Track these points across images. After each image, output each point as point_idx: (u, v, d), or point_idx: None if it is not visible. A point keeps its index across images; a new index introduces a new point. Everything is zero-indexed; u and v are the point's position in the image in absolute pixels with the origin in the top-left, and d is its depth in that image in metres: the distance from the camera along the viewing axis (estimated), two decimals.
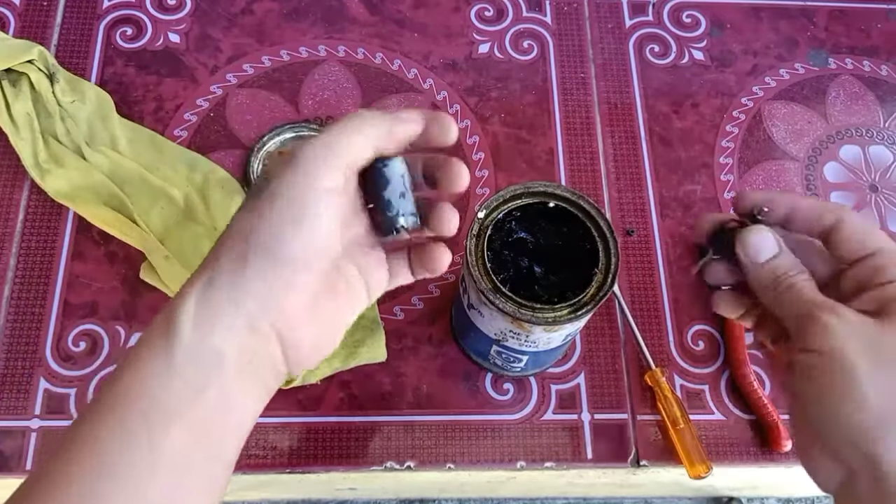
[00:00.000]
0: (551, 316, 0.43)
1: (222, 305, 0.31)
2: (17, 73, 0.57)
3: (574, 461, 0.53)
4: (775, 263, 0.37)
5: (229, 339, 0.31)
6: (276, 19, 0.65)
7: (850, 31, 0.70)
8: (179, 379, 0.30)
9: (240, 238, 0.32)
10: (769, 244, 0.37)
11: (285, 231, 0.31)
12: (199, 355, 0.31)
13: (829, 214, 0.37)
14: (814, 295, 0.35)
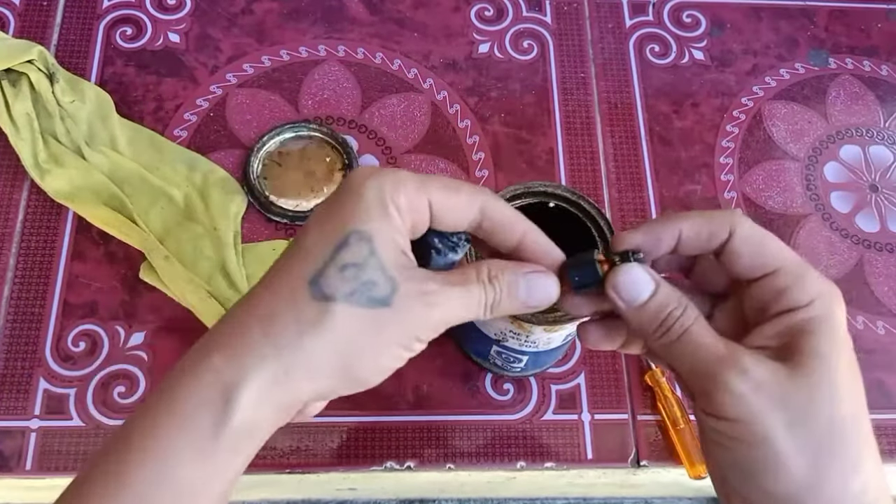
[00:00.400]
0: (551, 316, 0.43)
1: (283, 390, 0.29)
2: (17, 73, 0.57)
3: (574, 461, 0.53)
4: (656, 302, 0.32)
5: (272, 417, 0.30)
6: (276, 19, 0.65)
7: (851, 30, 0.70)
8: (213, 461, 0.29)
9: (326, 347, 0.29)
10: (643, 281, 0.33)
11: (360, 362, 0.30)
12: (243, 438, 0.29)
13: (719, 231, 0.32)
14: (710, 345, 0.31)
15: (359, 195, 0.30)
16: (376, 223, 0.30)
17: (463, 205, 0.32)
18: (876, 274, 0.61)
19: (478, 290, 0.31)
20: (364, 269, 0.29)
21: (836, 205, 0.63)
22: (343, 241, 0.29)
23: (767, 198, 0.62)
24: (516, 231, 0.33)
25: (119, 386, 0.53)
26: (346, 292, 0.29)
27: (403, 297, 0.29)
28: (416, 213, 0.31)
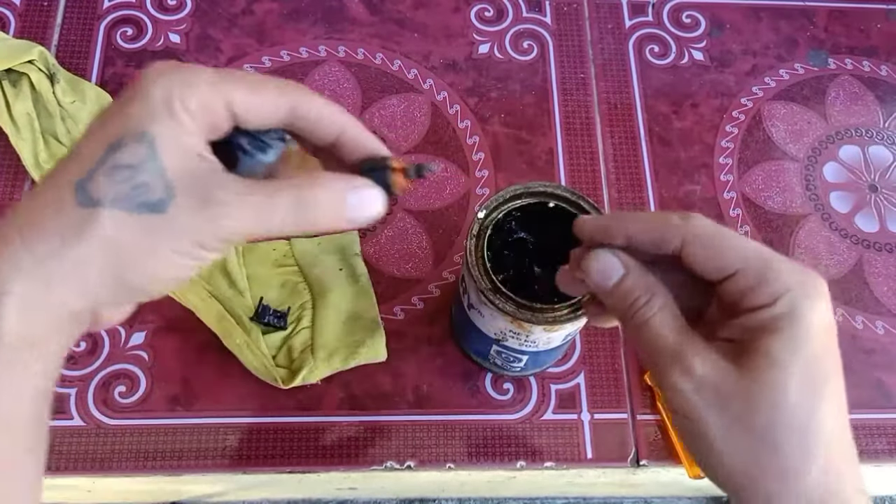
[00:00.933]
0: (551, 316, 0.43)
1: (51, 296, 0.27)
2: (18, 74, 0.57)
3: (574, 461, 0.53)
4: (625, 287, 0.32)
5: (48, 325, 0.28)
6: (277, 19, 0.66)
7: (850, 31, 0.70)
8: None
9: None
10: (611, 266, 0.33)
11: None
12: (20, 349, 0.27)
13: (670, 238, 0.31)
14: (665, 338, 0.31)
15: (143, 95, 0.28)
16: (159, 125, 0.28)
17: (269, 103, 0.30)
18: (875, 274, 0.61)
19: (284, 207, 0.29)
20: (139, 172, 0.27)
21: (836, 205, 0.63)
22: (118, 141, 0.27)
23: (767, 198, 0.62)
24: (333, 127, 0.31)
25: (120, 386, 0.53)
26: (113, 196, 0.27)
27: (182, 203, 0.27)
28: (212, 115, 0.29)
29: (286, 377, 0.52)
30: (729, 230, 0.31)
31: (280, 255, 0.56)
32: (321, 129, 0.31)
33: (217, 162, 0.29)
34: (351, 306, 0.55)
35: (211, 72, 0.29)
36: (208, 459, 0.51)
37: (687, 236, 0.31)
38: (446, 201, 0.60)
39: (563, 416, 0.54)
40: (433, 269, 0.57)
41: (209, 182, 0.28)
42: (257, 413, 0.52)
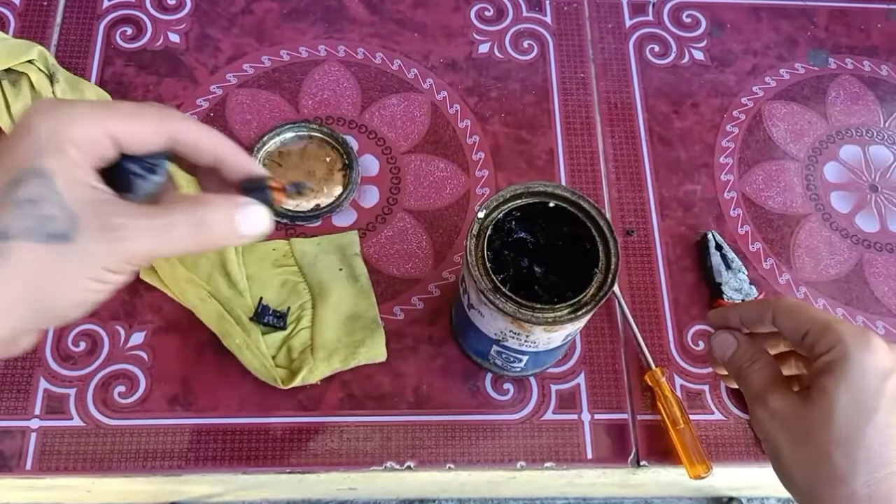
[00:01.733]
0: (551, 316, 0.43)
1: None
2: (17, 73, 0.57)
3: (574, 461, 0.53)
4: (736, 357, 0.45)
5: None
6: (276, 19, 0.65)
7: (850, 31, 0.70)
8: None
9: None
10: (728, 343, 0.46)
11: None
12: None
13: (766, 311, 0.44)
14: (755, 386, 0.43)
15: (31, 134, 0.30)
16: (52, 160, 0.30)
17: (149, 133, 0.32)
18: (876, 274, 0.61)
19: (179, 227, 0.31)
20: (41, 205, 0.29)
21: (836, 205, 0.63)
22: (17, 177, 0.29)
23: (767, 198, 0.62)
24: (211, 151, 0.34)
25: (119, 386, 0.53)
26: (22, 228, 0.29)
27: (85, 230, 0.29)
28: (97, 146, 0.31)
29: (286, 377, 0.52)
30: (805, 304, 0.44)
31: (280, 255, 0.56)
32: (200, 153, 0.33)
33: (109, 190, 0.31)
34: (351, 306, 0.55)
35: (89, 106, 0.31)
36: (208, 459, 0.51)
37: (776, 310, 0.43)
38: (446, 201, 0.60)
39: (563, 416, 0.54)
40: (433, 269, 0.57)
41: (107, 209, 0.30)
42: (257, 413, 0.52)
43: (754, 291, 0.57)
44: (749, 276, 0.58)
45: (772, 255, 0.60)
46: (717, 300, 0.57)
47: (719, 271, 0.58)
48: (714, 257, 0.58)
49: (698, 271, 0.59)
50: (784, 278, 0.60)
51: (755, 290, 0.57)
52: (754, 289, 0.57)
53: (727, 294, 0.57)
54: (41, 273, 0.29)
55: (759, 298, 0.54)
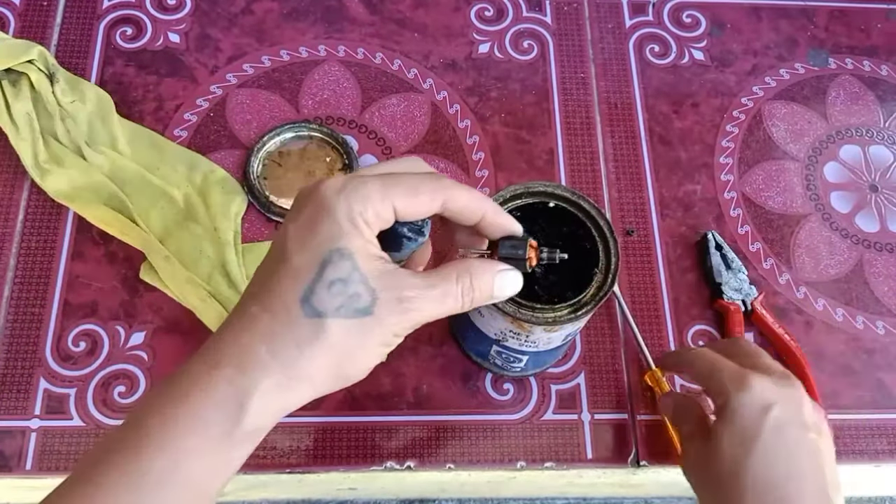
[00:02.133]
0: (551, 316, 0.43)
1: (287, 395, 0.33)
2: (17, 73, 0.57)
3: (574, 461, 0.53)
4: (672, 415, 0.50)
5: (276, 417, 0.34)
6: (276, 19, 0.65)
7: (851, 30, 0.70)
8: (223, 458, 0.33)
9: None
10: (665, 404, 0.50)
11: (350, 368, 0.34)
12: (248, 437, 0.33)
13: (683, 365, 0.49)
14: (681, 437, 0.47)
15: (330, 215, 0.33)
16: (352, 240, 0.33)
17: (424, 205, 0.35)
18: (876, 274, 0.61)
19: (454, 294, 0.35)
20: (348, 284, 0.32)
21: (836, 205, 0.63)
22: (326, 259, 0.33)
23: (767, 198, 0.62)
24: (476, 214, 0.37)
25: (119, 386, 0.53)
26: (334, 307, 0.32)
27: (383, 304, 0.33)
28: (383, 221, 0.34)
29: None
30: (703, 351, 0.47)
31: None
32: (466, 217, 0.37)
33: (390, 260, 0.35)
34: None
35: (378, 184, 0.34)
36: None
37: (682, 362, 0.49)
38: None
39: (563, 416, 0.54)
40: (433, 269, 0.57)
41: (397, 282, 0.34)
42: None
43: (754, 291, 0.57)
44: (749, 276, 0.58)
45: (772, 255, 0.60)
46: (718, 300, 0.57)
47: (719, 271, 0.58)
48: (714, 257, 0.58)
49: (698, 271, 0.59)
50: (784, 278, 0.60)
51: (755, 290, 0.57)
52: (754, 289, 0.57)
53: (727, 294, 0.57)
54: (347, 344, 0.33)
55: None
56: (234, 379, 0.32)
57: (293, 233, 0.34)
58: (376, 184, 0.34)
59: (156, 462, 0.31)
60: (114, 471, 0.31)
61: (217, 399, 0.32)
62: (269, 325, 0.33)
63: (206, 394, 0.32)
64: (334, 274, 0.32)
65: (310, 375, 0.33)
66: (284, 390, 0.33)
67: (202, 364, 0.33)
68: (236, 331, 0.33)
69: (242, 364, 0.32)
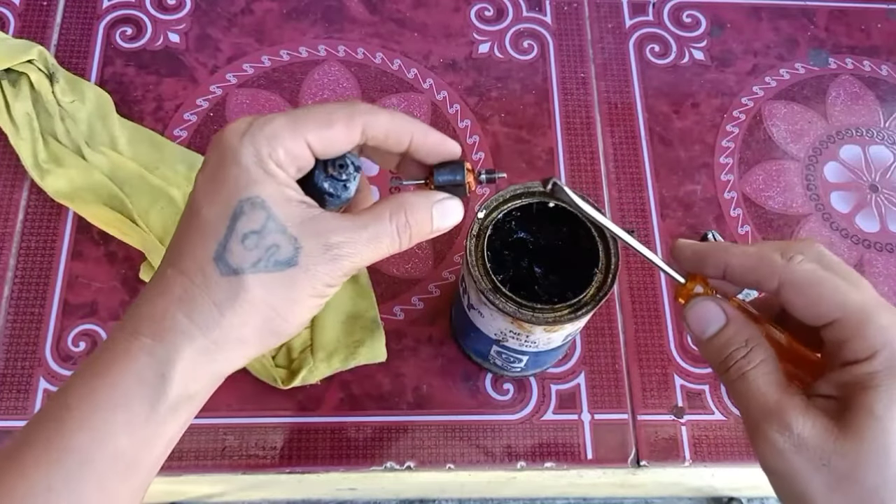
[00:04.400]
0: (551, 316, 0.43)
1: (214, 360, 0.31)
2: (17, 73, 0.57)
3: (574, 461, 0.53)
4: (720, 340, 0.32)
5: (207, 384, 0.32)
6: (276, 19, 0.65)
7: (851, 30, 0.70)
8: (150, 430, 0.31)
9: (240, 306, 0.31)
10: (713, 316, 0.33)
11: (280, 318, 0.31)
12: (179, 407, 0.31)
13: (766, 279, 0.31)
14: (762, 395, 0.30)
15: (236, 161, 0.30)
16: (263, 186, 0.30)
17: (341, 135, 0.32)
18: (876, 274, 0.61)
19: (389, 233, 0.32)
20: (264, 235, 0.30)
21: (836, 205, 0.63)
22: (237, 211, 0.30)
23: (767, 198, 0.62)
24: (402, 140, 0.34)
25: None
26: (251, 262, 0.30)
27: (308, 253, 0.30)
28: (298, 160, 0.31)
29: (286, 377, 0.52)
30: (832, 276, 0.30)
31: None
32: (392, 143, 0.33)
33: (314, 203, 0.32)
34: (350, 306, 0.55)
35: (285, 119, 0.31)
36: (208, 460, 0.51)
37: (785, 279, 0.31)
38: None
39: (563, 416, 0.54)
40: (433, 269, 0.57)
41: (322, 227, 0.31)
42: (257, 413, 0.52)
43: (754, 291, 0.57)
44: None
45: None
46: None
47: None
48: None
49: None
50: None
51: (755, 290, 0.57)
52: None
53: None
54: (273, 301, 0.30)
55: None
56: (152, 349, 0.30)
57: (200, 185, 0.32)
58: (283, 119, 0.31)
59: (78, 438, 0.30)
60: (35, 448, 0.30)
61: (136, 370, 0.30)
62: (185, 288, 0.31)
63: (126, 365, 0.30)
64: (247, 226, 0.30)
65: (237, 337, 0.31)
66: (212, 355, 0.31)
67: (122, 333, 0.31)
68: (152, 296, 0.31)
69: (160, 332, 0.30)
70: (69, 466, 0.30)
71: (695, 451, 0.53)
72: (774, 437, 0.29)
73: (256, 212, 0.30)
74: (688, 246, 0.35)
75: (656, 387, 0.55)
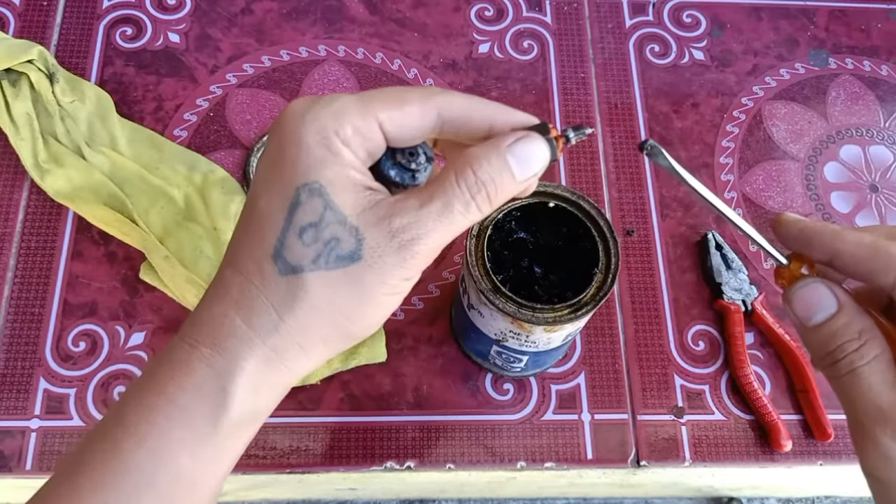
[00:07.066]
0: (551, 316, 0.42)
1: (277, 369, 0.28)
2: (17, 73, 0.57)
3: (574, 461, 0.53)
4: (829, 329, 0.29)
5: (271, 397, 0.29)
6: (276, 19, 0.65)
7: (851, 30, 0.70)
8: (213, 449, 0.28)
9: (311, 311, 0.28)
10: (823, 301, 0.29)
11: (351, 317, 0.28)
12: (243, 423, 0.29)
13: (886, 270, 0.27)
14: (875, 394, 0.27)
15: (298, 142, 0.27)
16: (324, 169, 0.27)
17: (416, 117, 0.28)
18: None
19: (461, 200, 0.28)
20: (323, 228, 0.27)
21: (837, 205, 0.63)
22: (294, 200, 0.27)
23: (767, 198, 0.62)
24: (483, 121, 0.29)
25: (119, 386, 0.53)
26: (311, 258, 0.27)
27: (373, 244, 0.27)
28: (368, 141, 0.28)
29: None
30: None
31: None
32: (471, 127, 0.29)
33: (382, 188, 0.29)
34: None
35: (354, 97, 0.28)
36: None
37: None
38: None
39: (563, 416, 0.54)
40: (433, 269, 0.57)
41: (384, 212, 0.27)
42: None
43: (755, 291, 0.57)
44: (749, 276, 0.58)
45: None
46: (718, 300, 0.57)
47: (719, 271, 0.58)
48: (714, 257, 0.58)
49: (698, 271, 0.59)
50: None
51: (755, 290, 0.57)
52: (755, 289, 0.57)
53: (727, 294, 0.57)
54: (339, 302, 0.27)
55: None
56: (212, 359, 0.28)
57: (260, 173, 0.28)
58: (351, 97, 0.28)
59: (136, 458, 0.27)
60: (91, 469, 0.28)
61: (197, 384, 0.27)
62: (242, 290, 0.28)
63: (185, 379, 0.28)
64: (305, 217, 0.27)
65: (299, 343, 0.28)
66: (273, 364, 0.28)
67: (181, 343, 0.29)
68: (211, 300, 0.29)
69: (218, 339, 0.28)
70: (128, 489, 0.27)
71: (695, 451, 0.53)
72: (886, 444, 0.27)
73: (314, 200, 0.27)
74: (794, 223, 0.31)
75: (656, 387, 0.55)
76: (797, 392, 0.56)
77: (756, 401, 0.54)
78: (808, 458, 0.54)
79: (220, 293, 0.28)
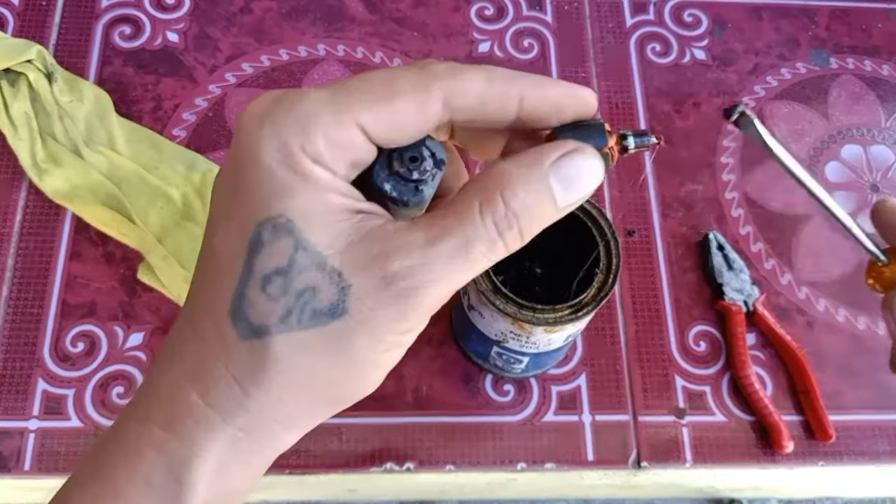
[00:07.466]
0: (552, 317, 0.42)
1: (249, 450, 0.23)
2: (16, 73, 0.57)
3: (575, 463, 0.53)
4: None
5: (248, 476, 0.23)
6: (276, 18, 0.65)
7: (852, 30, 0.69)
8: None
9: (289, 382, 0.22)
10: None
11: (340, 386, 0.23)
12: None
13: None
14: None
15: (256, 162, 0.20)
16: (291, 198, 0.20)
17: (412, 113, 0.21)
18: None
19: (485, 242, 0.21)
20: (294, 275, 0.20)
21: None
22: (255, 239, 0.21)
23: (769, 198, 0.62)
24: (508, 104, 0.22)
25: (118, 387, 0.52)
26: (279, 316, 0.21)
27: (362, 293, 0.21)
28: (347, 151, 0.21)
29: None
30: None
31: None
32: (492, 114, 0.22)
33: (376, 209, 0.22)
34: None
35: (326, 94, 0.21)
36: None
37: None
38: None
39: (563, 417, 0.54)
40: None
41: (377, 248, 0.21)
42: None
43: (756, 292, 0.57)
44: (751, 276, 0.58)
45: (773, 256, 0.60)
46: (719, 300, 0.57)
47: (721, 272, 0.57)
48: (715, 258, 0.58)
49: (699, 271, 0.59)
50: (785, 279, 0.59)
51: (757, 290, 0.57)
52: (756, 289, 0.57)
53: (728, 294, 0.57)
54: (320, 368, 0.22)
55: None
56: (164, 444, 0.22)
57: (215, 201, 0.22)
58: (322, 94, 0.20)
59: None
60: None
61: (146, 475, 0.22)
62: (199, 357, 0.22)
63: (132, 467, 0.22)
64: (269, 262, 0.20)
65: (274, 419, 0.22)
66: (242, 445, 0.22)
67: (130, 419, 0.23)
68: (162, 365, 0.23)
69: (173, 420, 0.22)
70: None
71: (696, 453, 0.53)
72: None
73: (280, 239, 0.20)
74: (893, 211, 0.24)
75: (657, 388, 0.55)
76: (798, 393, 0.55)
77: (757, 402, 0.54)
78: (810, 459, 0.54)
79: (175, 358, 0.23)
